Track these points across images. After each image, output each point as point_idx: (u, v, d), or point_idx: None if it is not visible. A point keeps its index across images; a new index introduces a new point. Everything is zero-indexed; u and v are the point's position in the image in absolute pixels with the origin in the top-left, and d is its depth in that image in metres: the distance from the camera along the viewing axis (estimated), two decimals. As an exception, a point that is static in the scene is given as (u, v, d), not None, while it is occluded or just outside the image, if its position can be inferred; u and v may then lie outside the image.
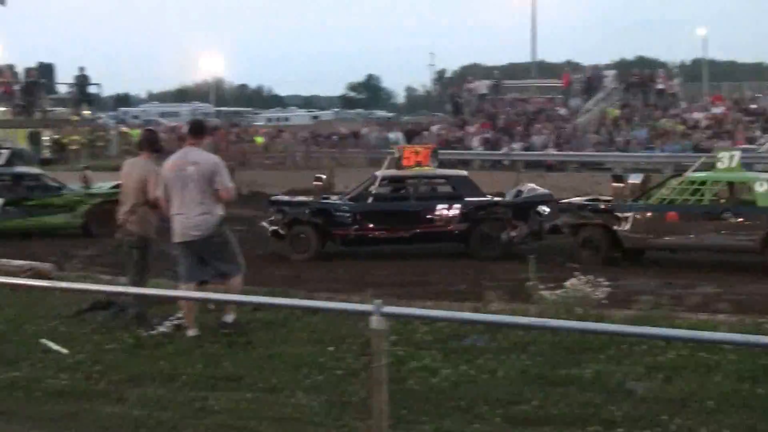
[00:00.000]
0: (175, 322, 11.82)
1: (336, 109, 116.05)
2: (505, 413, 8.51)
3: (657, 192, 20.25)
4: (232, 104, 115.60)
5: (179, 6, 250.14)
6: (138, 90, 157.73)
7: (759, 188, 18.95)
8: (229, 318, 11.80)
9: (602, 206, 20.55)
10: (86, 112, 43.88)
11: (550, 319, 7.11)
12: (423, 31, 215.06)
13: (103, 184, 25.51)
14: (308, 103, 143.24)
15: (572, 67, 58.95)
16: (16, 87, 43.53)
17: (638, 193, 20.59)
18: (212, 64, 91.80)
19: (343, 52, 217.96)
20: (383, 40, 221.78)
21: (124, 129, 51.02)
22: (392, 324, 8.55)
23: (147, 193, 12.40)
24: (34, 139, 42.75)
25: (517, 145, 41.29)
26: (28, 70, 45.46)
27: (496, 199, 21.84)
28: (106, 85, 51.56)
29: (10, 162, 25.08)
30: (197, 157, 11.96)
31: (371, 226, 21.22)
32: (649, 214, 19.69)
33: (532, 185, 22.91)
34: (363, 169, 41.54)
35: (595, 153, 38.63)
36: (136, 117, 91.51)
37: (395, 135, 46.58)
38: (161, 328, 11.68)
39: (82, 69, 44.03)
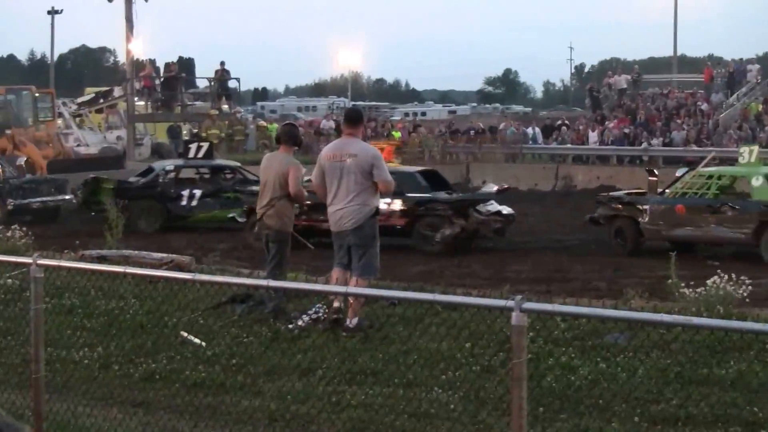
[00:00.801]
0: (313, 316, 11.84)
1: (473, 104, 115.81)
2: (644, 412, 8.39)
3: (674, 186, 21.05)
4: (369, 99, 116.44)
5: (316, 3, 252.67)
6: (276, 84, 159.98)
7: (755, 182, 19.79)
8: (353, 323, 11.70)
9: (627, 199, 21.45)
10: (225, 107, 44.53)
11: (692, 317, 6.90)
12: (562, 25, 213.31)
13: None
14: (445, 97, 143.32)
15: (714, 61, 57.84)
16: (157, 81, 44.41)
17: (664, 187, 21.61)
18: (349, 59, 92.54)
19: (481, 47, 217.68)
20: (521, 34, 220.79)
21: (262, 123, 51.63)
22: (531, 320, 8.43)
23: (286, 187, 12.47)
24: (174, 133, 43.55)
25: (656, 141, 40.64)
26: (169, 65, 46.33)
27: (440, 195, 21.91)
28: (244, 80, 52.46)
29: (208, 154, 25.53)
30: (356, 148, 11.98)
31: None
32: (662, 207, 20.51)
33: (491, 184, 22.98)
34: (499, 164, 41.46)
35: (736, 149, 37.79)
36: (273, 111, 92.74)
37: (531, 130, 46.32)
38: (299, 322, 11.71)
39: (222, 64, 44.72)
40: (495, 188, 23.21)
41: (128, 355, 10.51)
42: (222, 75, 44.77)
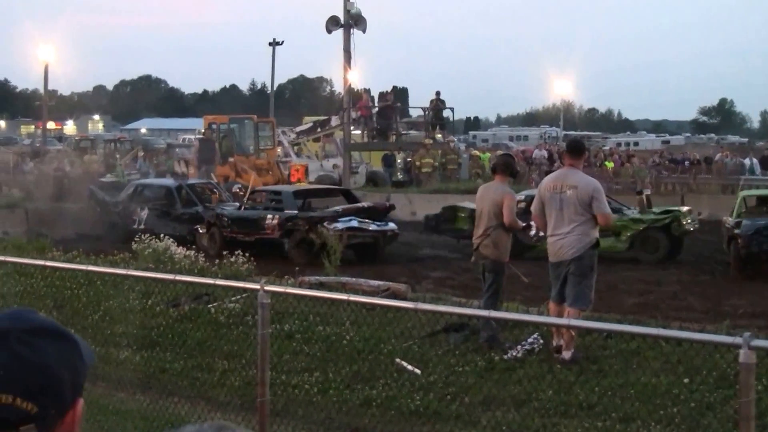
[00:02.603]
0: (527, 347, 11.82)
1: (687, 134, 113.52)
2: None
3: None
4: (580, 128, 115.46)
5: (527, 32, 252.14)
6: (488, 114, 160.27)
7: None
8: (567, 355, 11.62)
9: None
10: (439, 136, 44.87)
11: None
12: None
13: (657, 209, 24.98)
14: (658, 127, 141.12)
15: None
16: (373, 111, 45.11)
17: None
18: (562, 88, 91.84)
19: (695, 75, 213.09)
20: (737, 62, 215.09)
21: (475, 152, 51.79)
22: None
23: (501, 216, 12.53)
24: (388, 161, 44.11)
25: None
26: (384, 94, 47.02)
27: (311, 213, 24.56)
28: (457, 109, 52.82)
29: None
30: (576, 180, 12.00)
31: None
32: None
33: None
34: (715, 195, 40.49)
35: None
36: (485, 140, 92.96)
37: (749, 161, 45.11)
38: (513, 353, 11.71)
39: (437, 93, 45.11)
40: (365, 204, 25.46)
41: (345, 381, 10.71)
42: (437, 104, 45.17)
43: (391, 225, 24.68)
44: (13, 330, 2.05)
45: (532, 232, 13.25)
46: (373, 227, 23.89)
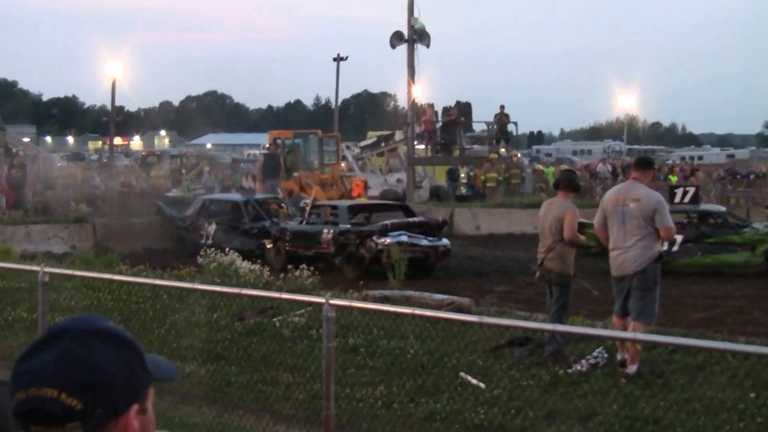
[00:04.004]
0: (592, 361, 11.79)
1: (752, 148, 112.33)
2: None
3: None
4: (644, 142, 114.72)
5: (591, 46, 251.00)
6: (551, 128, 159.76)
7: None
8: (632, 369, 11.55)
9: None
10: (502, 150, 44.82)
11: None
12: None
13: None
14: (723, 141, 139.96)
15: None
16: (437, 125, 45.17)
17: None
18: (626, 102, 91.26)
19: (761, 88, 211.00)
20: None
21: (539, 167, 51.64)
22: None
23: (564, 232, 12.54)
24: (453, 175, 44.12)
25: None
26: (448, 109, 47.08)
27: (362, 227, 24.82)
28: (521, 123, 52.75)
29: (695, 199, 25.23)
30: (640, 193, 11.99)
31: None
32: None
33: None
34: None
35: None
36: (549, 155, 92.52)
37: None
38: (578, 367, 11.68)
39: (502, 107, 45.08)
40: (416, 219, 25.20)
41: (409, 395, 10.73)
42: (500, 118, 45.14)
43: (444, 241, 24.49)
44: (71, 329, 2.08)
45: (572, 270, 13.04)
46: (424, 242, 23.75)
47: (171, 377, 2.21)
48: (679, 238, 23.51)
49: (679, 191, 24.95)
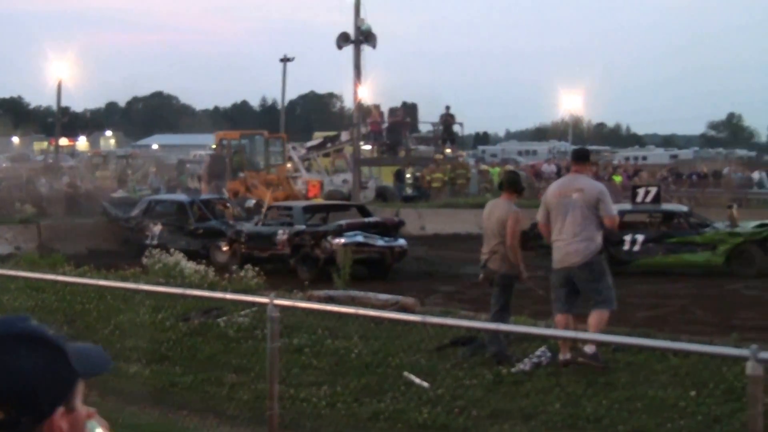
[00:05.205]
0: (535, 360, 11.87)
1: (695, 148, 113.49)
2: None
3: None
4: (589, 143, 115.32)
5: (537, 47, 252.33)
6: (497, 128, 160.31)
7: None
8: (590, 349, 11.71)
9: None
10: (448, 151, 44.97)
11: None
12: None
13: (748, 223, 25.17)
14: (666, 141, 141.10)
15: None
16: (383, 126, 45.23)
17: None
18: (571, 103, 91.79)
19: (703, 90, 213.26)
20: (746, 76, 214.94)
21: (485, 167, 51.85)
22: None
23: (506, 238, 12.57)
24: (400, 176, 44.21)
25: None
26: (394, 110, 47.12)
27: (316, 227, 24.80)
28: (467, 124, 52.84)
29: (657, 199, 25.35)
30: (583, 183, 12.13)
31: None
32: None
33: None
34: (723, 209, 40.47)
35: None
36: (494, 155, 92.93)
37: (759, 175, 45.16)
38: (521, 366, 11.75)
39: (447, 108, 45.25)
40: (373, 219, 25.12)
41: (354, 394, 10.75)
42: (446, 119, 45.28)
43: (400, 241, 24.37)
44: None
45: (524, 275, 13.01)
46: (380, 243, 23.67)
47: (101, 370, 2.14)
48: (640, 237, 23.73)
49: (641, 191, 25.17)
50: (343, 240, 22.96)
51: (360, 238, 23.37)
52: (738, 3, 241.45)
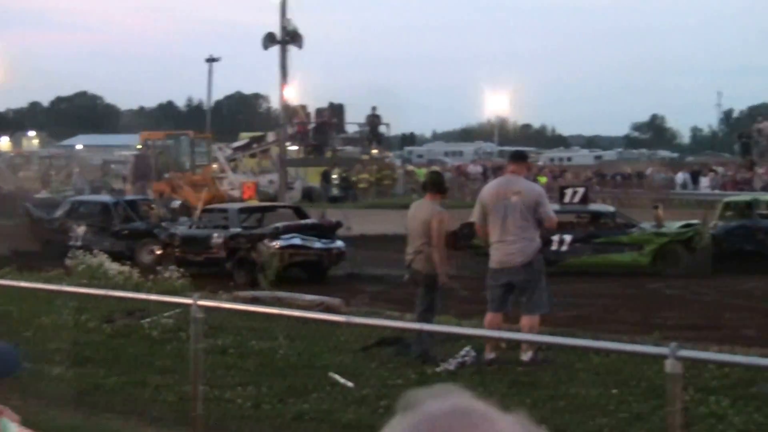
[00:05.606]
0: (460, 360, 11.92)
1: (619, 149, 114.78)
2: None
3: None
4: (515, 144, 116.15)
5: (464, 49, 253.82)
6: (423, 129, 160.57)
7: None
8: (527, 356, 11.81)
9: None
10: (374, 151, 45.05)
11: None
12: (710, 70, 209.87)
13: (673, 223, 25.51)
14: (591, 142, 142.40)
15: None
16: (309, 127, 45.19)
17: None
18: (497, 104, 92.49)
19: (627, 92, 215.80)
20: (669, 79, 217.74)
21: (410, 168, 52.03)
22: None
23: (432, 238, 12.59)
24: (327, 177, 44.20)
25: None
26: (320, 111, 47.11)
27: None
28: (393, 125, 52.88)
29: (584, 200, 25.49)
30: (521, 186, 12.22)
31: None
32: None
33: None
34: (647, 209, 41.01)
35: None
36: (421, 156, 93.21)
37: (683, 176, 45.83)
38: (446, 366, 11.80)
39: (373, 109, 45.33)
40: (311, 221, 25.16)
41: (279, 395, 10.73)
42: (373, 120, 45.35)
43: (338, 243, 24.12)
44: None
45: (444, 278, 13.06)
46: (317, 245, 23.38)
47: (11, 370, 2.13)
48: (568, 237, 23.91)
49: (569, 191, 25.39)
50: (280, 243, 22.75)
51: (297, 241, 23.10)
52: (661, 5, 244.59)
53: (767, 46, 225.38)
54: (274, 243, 22.67)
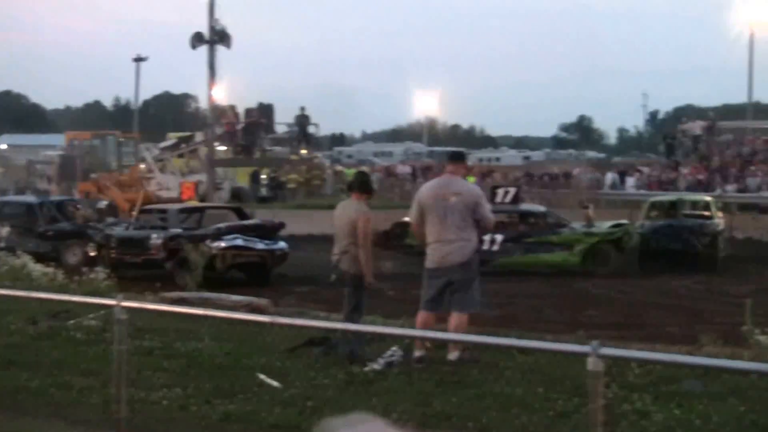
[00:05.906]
0: (388, 359, 11.93)
1: (547, 150, 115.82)
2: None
3: None
4: (444, 144, 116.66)
5: (393, 49, 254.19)
6: (353, 130, 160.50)
7: None
8: (453, 356, 11.85)
9: None
10: (304, 152, 45.00)
11: (768, 364, 6.89)
12: (636, 71, 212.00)
13: (603, 223, 25.83)
14: (519, 143, 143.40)
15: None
16: (238, 127, 45.02)
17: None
18: (426, 105, 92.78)
19: (555, 93, 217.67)
20: (595, 80, 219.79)
21: (340, 168, 52.05)
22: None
23: (358, 239, 12.59)
24: (255, 177, 44.07)
25: (731, 187, 40.46)
26: (249, 111, 46.93)
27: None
28: (323, 125, 52.82)
29: (516, 200, 25.51)
30: (460, 187, 12.28)
31: None
32: None
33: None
34: (575, 209, 41.40)
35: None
36: (350, 156, 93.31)
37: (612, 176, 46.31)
38: (374, 365, 11.80)
39: (302, 109, 45.27)
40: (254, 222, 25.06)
41: (206, 396, 10.66)
42: (302, 120, 45.27)
43: (281, 244, 23.87)
44: None
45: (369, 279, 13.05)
46: (260, 246, 23.16)
47: None
48: (499, 237, 24.03)
49: (501, 191, 25.55)
50: (222, 243, 22.46)
51: (240, 242, 22.84)
52: (588, 9, 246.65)
53: (692, 49, 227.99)
54: (216, 244, 22.40)
